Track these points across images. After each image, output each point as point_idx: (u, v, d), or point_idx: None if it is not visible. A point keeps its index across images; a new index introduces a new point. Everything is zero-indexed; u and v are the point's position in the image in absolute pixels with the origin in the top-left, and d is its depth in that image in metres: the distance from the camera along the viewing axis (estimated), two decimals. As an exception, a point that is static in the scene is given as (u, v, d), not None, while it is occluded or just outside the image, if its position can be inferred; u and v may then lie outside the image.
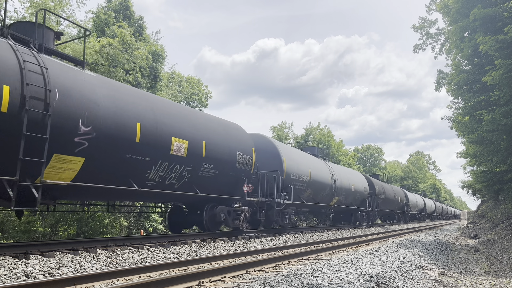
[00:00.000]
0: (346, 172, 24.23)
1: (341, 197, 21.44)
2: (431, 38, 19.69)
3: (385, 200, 30.76)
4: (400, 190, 37.79)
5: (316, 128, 45.36)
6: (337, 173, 21.52)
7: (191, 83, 27.74)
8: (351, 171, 26.39)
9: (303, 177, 16.77)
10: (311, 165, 18.12)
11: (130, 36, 18.24)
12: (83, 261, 6.56)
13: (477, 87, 15.88)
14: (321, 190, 18.90)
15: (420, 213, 47.00)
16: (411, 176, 74.11)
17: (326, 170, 19.95)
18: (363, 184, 26.04)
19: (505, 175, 16.98)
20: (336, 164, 26.04)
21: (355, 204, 24.36)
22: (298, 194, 16.55)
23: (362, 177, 27.12)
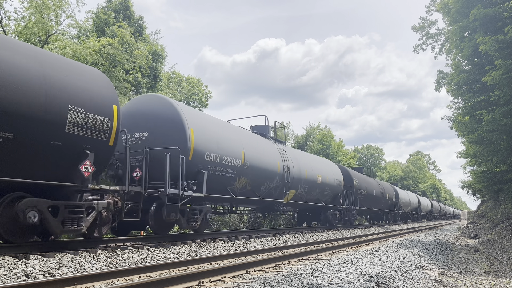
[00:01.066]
0: (309, 159, 18.99)
1: (300, 191, 16.74)
2: (431, 38, 19.70)
3: (368, 196, 26.12)
4: (389, 187, 33.77)
5: (316, 128, 45.36)
6: (293, 159, 16.42)
7: (191, 83, 27.75)
8: (317, 159, 20.92)
9: (230, 160, 11.81)
10: (246, 145, 12.93)
11: (130, 36, 18.24)
12: (83, 261, 6.56)
13: (477, 87, 15.88)
14: (266, 180, 13.82)
15: (413, 213, 43.19)
16: (411, 176, 74.11)
17: (274, 153, 14.76)
18: (336, 175, 20.94)
19: (505, 175, 16.97)
20: (295, 149, 21.12)
21: (325, 200, 19.61)
22: (224, 184, 11.82)
23: (335, 168, 21.92)
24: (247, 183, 12.83)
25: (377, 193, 28.61)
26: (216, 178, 11.29)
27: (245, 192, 12.89)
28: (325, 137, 43.20)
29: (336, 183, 20.69)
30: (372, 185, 28.06)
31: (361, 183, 25.00)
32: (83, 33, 20.72)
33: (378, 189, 29.00)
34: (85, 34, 20.54)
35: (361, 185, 24.90)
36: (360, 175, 26.63)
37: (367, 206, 26.25)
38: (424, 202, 48.37)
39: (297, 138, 43.75)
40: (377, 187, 28.99)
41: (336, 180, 20.79)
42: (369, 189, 26.60)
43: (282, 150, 15.74)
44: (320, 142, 42.59)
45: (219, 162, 11.32)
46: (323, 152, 41.22)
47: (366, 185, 26.10)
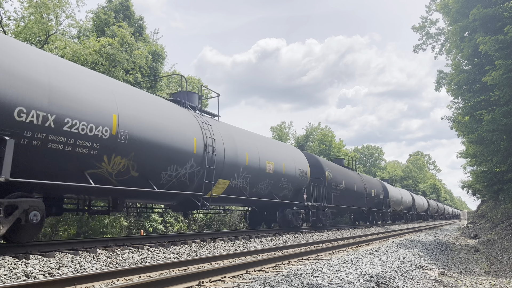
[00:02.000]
0: (256, 140, 14.14)
1: (239, 181, 12.55)
2: (431, 38, 19.71)
3: (347, 192, 21.99)
4: (376, 182, 29.84)
5: (316, 128, 45.37)
6: (225, 137, 12.15)
7: (191, 83, 27.74)
8: (270, 142, 15.93)
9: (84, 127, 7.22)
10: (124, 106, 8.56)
11: (130, 36, 18.25)
12: (83, 261, 6.56)
13: (477, 87, 15.89)
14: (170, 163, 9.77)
15: (407, 212, 39.47)
16: (411, 176, 74.12)
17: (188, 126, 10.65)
18: (299, 164, 16.71)
19: (505, 175, 16.98)
20: (233, 126, 14.00)
21: (282, 195, 15.44)
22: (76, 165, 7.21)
23: (299, 155, 17.46)
24: (129, 165, 8.64)
25: (359, 188, 24.43)
26: (53, 154, 7.09)
27: (128, 180, 8.73)
28: (326, 137, 43.19)
29: (299, 174, 16.43)
30: (353, 179, 23.79)
31: (336, 175, 20.65)
32: (83, 33, 20.72)
33: (360, 184, 24.85)
34: (85, 34, 20.54)
35: (336, 178, 20.59)
36: (336, 166, 22.17)
37: (345, 204, 22.14)
38: (420, 201, 45.11)
39: (297, 138, 43.76)
40: (359, 181, 24.90)
41: (299, 171, 16.48)
42: (348, 183, 22.46)
43: (205, 123, 11.33)
44: (321, 142, 42.58)
45: (56, 127, 7.02)
46: (324, 153, 41.21)
47: (344, 179, 21.81)
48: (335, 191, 20.45)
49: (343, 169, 23.36)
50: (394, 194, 33.65)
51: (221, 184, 11.89)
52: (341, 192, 21.26)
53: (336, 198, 20.68)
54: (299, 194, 16.74)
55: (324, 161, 20.62)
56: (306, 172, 17.27)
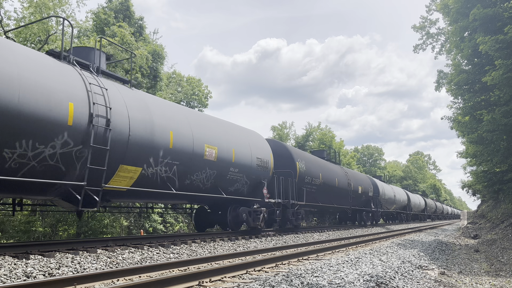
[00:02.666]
0: (192, 116, 11.26)
1: (158, 169, 9.46)
2: (431, 38, 19.71)
3: (325, 188, 18.91)
4: (365, 179, 26.83)
5: (316, 128, 45.37)
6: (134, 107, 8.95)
7: (191, 83, 27.74)
8: (215, 120, 12.68)
9: None
10: None
11: (130, 36, 18.25)
12: (83, 261, 6.56)
13: (477, 87, 15.89)
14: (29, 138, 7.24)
15: (401, 212, 36.63)
16: (411, 176, 74.15)
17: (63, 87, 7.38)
18: (258, 152, 13.56)
19: (505, 175, 16.98)
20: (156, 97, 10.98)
21: (234, 190, 12.53)
22: None
23: (258, 140, 14.32)
24: None
25: (342, 184, 21.43)
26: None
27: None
28: (326, 137, 43.19)
29: (257, 163, 13.35)
30: (334, 173, 20.72)
31: (311, 168, 17.52)
32: (83, 33, 20.72)
33: (343, 179, 21.83)
34: (85, 34, 20.53)
35: (312, 171, 17.45)
36: (312, 157, 19.24)
37: (324, 201, 19.13)
38: (416, 200, 42.78)
39: (297, 138, 43.78)
40: (342, 176, 21.80)
41: (257, 160, 13.34)
42: (328, 178, 19.35)
43: (97, 86, 8.22)
44: (321, 143, 42.58)
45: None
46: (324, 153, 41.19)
47: (322, 172, 18.77)
48: (309, 187, 17.17)
49: (322, 162, 20.10)
50: (387, 192, 30.67)
51: (127, 172, 8.69)
52: (317, 187, 18.12)
53: (311, 194, 17.53)
54: (258, 189, 13.69)
55: (296, 150, 17.29)
56: (268, 162, 14.15)
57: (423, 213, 46.86)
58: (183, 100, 26.14)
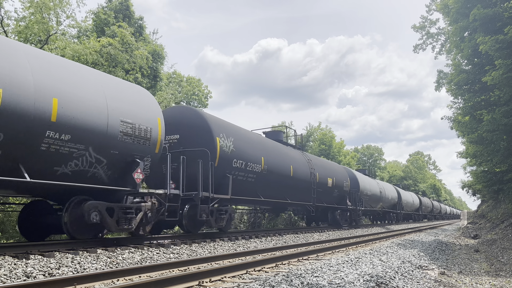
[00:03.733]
0: None
1: None
2: (431, 38, 19.72)
3: (269, 178, 13.70)
4: (339, 169, 22.31)
5: (317, 128, 45.40)
6: None
7: (191, 83, 27.75)
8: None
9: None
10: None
11: (130, 36, 18.26)
12: (83, 261, 6.56)
13: (477, 87, 15.89)
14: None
15: (390, 211, 32.52)
16: (411, 176, 74.16)
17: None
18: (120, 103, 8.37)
19: (505, 175, 16.98)
20: None
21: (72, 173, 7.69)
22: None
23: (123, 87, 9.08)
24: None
25: (301, 174, 16.26)
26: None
27: None
28: (326, 137, 43.19)
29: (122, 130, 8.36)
30: (288, 159, 15.55)
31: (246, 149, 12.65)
32: (83, 33, 20.74)
33: (304, 168, 16.78)
34: (85, 34, 20.55)
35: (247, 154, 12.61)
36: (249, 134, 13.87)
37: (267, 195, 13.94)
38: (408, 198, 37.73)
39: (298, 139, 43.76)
40: (302, 164, 16.83)
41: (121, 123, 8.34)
42: (275, 164, 14.33)
43: None
44: (321, 143, 42.60)
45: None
46: (324, 153, 41.22)
47: (266, 156, 13.68)
48: (242, 174, 12.55)
49: (267, 142, 15.14)
50: (370, 187, 26.45)
51: None
52: (257, 176, 13.26)
53: (245, 185, 12.83)
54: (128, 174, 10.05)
55: (219, 122, 12.33)
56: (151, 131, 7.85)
57: (417, 213, 41.56)
58: (183, 100, 26.15)
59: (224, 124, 12.62)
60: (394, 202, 33.18)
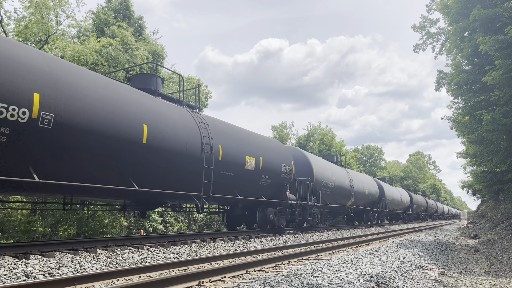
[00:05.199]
0: None
1: None
2: (431, 38, 19.70)
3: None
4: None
5: (317, 128, 45.40)
6: None
7: (191, 83, 27.74)
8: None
9: None
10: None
11: (130, 36, 18.26)
12: (83, 261, 6.56)
13: (477, 87, 15.88)
14: None
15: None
16: (411, 176, 74.13)
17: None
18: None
19: (505, 175, 16.97)
20: None
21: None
22: None
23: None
24: None
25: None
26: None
27: None
28: (327, 138, 43.19)
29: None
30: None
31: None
32: (83, 33, 20.73)
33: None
34: (85, 34, 20.54)
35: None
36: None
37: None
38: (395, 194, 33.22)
39: (298, 139, 43.82)
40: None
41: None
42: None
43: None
44: (321, 143, 42.59)
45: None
46: (324, 153, 41.23)
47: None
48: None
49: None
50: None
51: None
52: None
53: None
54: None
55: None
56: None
57: (406, 212, 38.42)
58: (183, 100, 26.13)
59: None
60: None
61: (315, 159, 19.68)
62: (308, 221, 17.50)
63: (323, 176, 19.14)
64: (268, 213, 14.28)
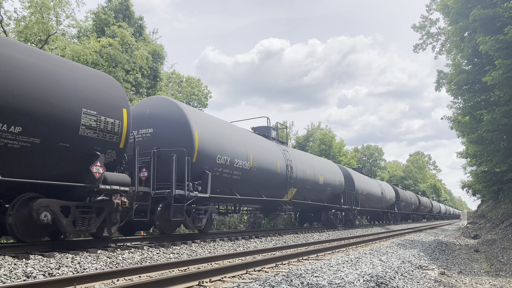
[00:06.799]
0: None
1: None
2: (431, 37, 19.70)
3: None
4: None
5: (317, 128, 45.41)
6: None
7: (190, 83, 27.75)
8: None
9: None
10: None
11: (130, 36, 18.26)
12: (83, 261, 6.56)
13: (477, 87, 15.89)
14: None
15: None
16: (411, 176, 74.14)
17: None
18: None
19: (505, 175, 16.97)
20: None
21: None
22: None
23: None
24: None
25: None
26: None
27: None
28: (327, 138, 43.20)
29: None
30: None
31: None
32: (83, 33, 20.73)
33: None
34: (85, 34, 20.54)
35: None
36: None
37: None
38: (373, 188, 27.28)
39: (298, 139, 43.78)
40: None
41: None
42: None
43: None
44: (321, 143, 42.60)
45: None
46: (324, 153, 41.23)
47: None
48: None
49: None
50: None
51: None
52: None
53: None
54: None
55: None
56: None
57: (391, 211, 31.77)
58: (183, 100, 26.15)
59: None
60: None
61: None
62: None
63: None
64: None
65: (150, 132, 10.45)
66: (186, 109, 10.69)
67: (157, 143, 10.08)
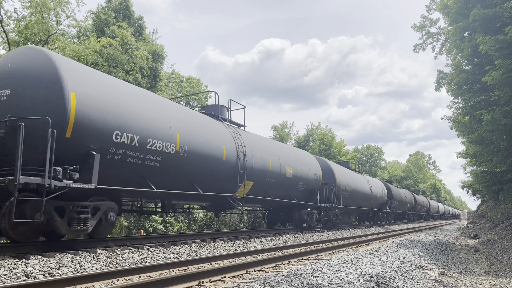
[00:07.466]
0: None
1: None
2: (431, 37, 19.72)
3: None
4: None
5: (317, 128, 45.42)
6: None
7: (190, 83, 27.75)
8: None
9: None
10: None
11: (130, 36, 18.26)
12: (83, 261, 6.56)
13: (477, 87, 15.89)
14: None
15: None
16: (411, 176, 74.14)
17: None
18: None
19: (505, 175, 16.98)
20: None
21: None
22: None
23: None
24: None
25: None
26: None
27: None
28: (327, 138, 43.20)
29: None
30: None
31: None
32: (83, 33, 20.72)
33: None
34: (85, 34, 20.54)
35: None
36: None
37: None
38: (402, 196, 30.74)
39: (298, 139, 43.81)
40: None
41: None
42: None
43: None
44: (321, 143, 42.60)
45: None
46: (324, 153, 41.23)
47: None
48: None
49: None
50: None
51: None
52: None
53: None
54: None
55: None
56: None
57: (381, 210, 29.41)
58: (183, 100, 26.14)
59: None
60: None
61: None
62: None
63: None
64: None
65: (6, 94, 7.24)
66: (61, 60, 7.42)
67: (15, 110, 6.99)
